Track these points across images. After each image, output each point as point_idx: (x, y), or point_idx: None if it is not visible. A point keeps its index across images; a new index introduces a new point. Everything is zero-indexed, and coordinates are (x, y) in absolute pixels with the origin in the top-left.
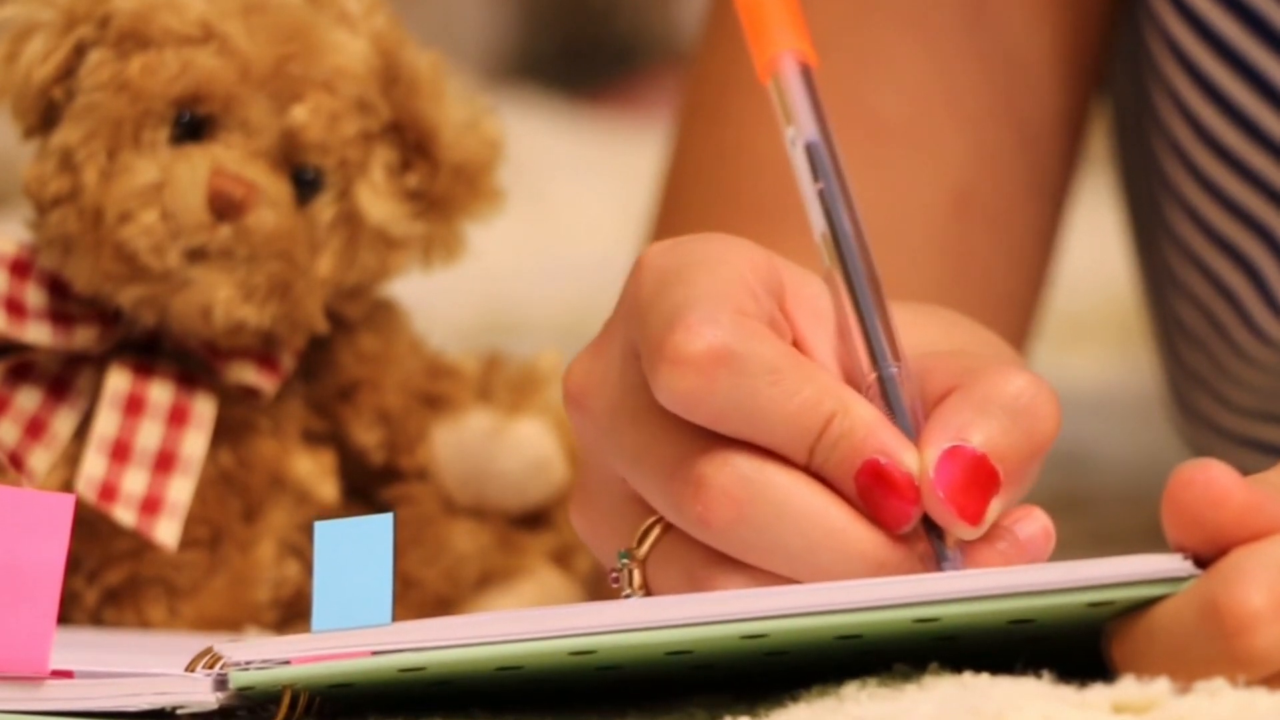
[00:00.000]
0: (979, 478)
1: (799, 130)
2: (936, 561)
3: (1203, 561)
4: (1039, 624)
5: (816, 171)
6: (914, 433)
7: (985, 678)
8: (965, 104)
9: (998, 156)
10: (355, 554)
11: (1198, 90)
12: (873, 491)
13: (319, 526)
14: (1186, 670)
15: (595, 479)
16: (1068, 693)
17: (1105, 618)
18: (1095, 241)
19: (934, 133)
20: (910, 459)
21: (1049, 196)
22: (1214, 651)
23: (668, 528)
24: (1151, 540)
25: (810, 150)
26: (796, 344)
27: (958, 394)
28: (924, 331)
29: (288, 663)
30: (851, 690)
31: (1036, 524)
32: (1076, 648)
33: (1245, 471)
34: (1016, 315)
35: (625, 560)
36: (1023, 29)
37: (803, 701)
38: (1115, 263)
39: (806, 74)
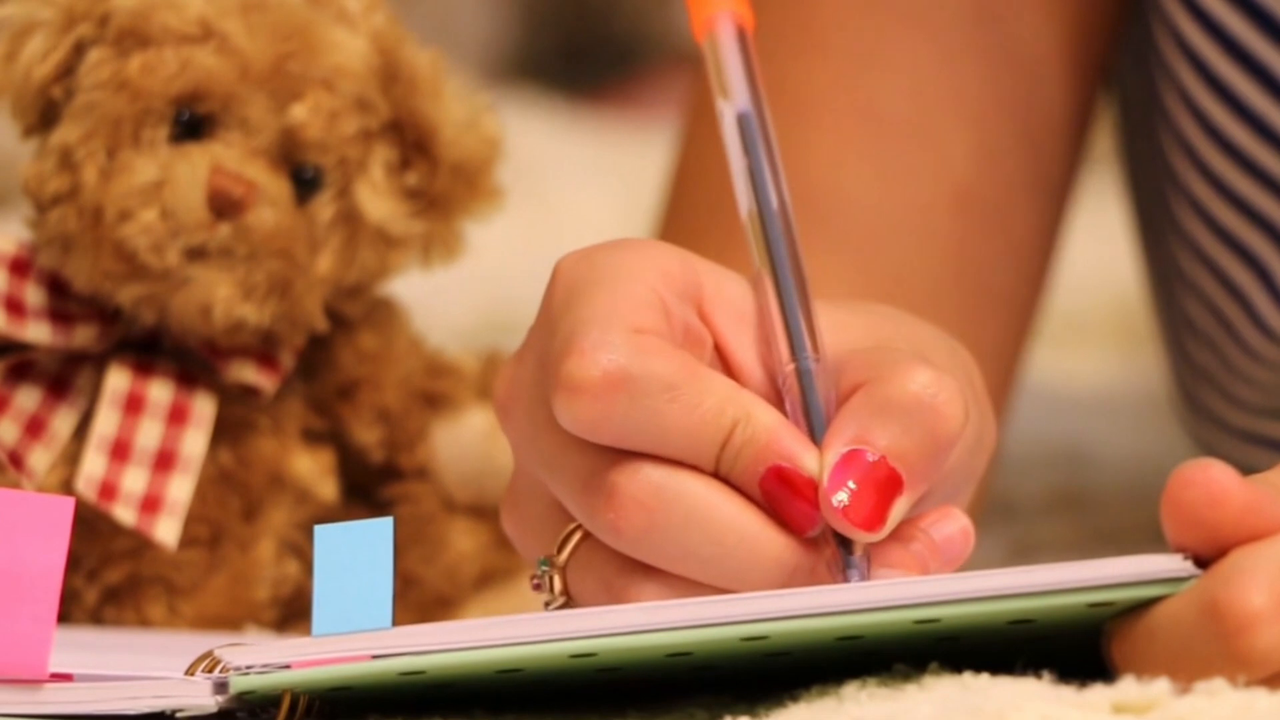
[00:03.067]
0: (878, 481)
1: (731, 99)
2: (842, 566)
3: (1203, 562)
4: (1039, 624)
5: (746, 144)
6: (827, 430)
7: (985, 678)
8: (968, 100)
9: (1000, 153)
10: (355, 557)
11: (1206, 87)
12: (777, 497)
13: (319, 530)
14: (1187, 670)
15: (523, 484)
16: (1068, 693)
17: (1105, 618)
18: (1096, 241)
19: (936, 129)
20: (811, 462)
21: (1052, 194)
22: (1215, 651)
23: (587, 535)
24: (1152, 539)
25: (741, 121)
26: (717, 347)
27: (860, 394)
28: (848, 330)
29: (288, 667)
30: (851, 690)
31: (955, 524)
32: (1076, 647)
33: (1252, 468)
34: (1016, 313)
35: (545, 567)
36: (1028, 26)
37: (803, 701)
38: (1116, 262)
39: (743, 38)
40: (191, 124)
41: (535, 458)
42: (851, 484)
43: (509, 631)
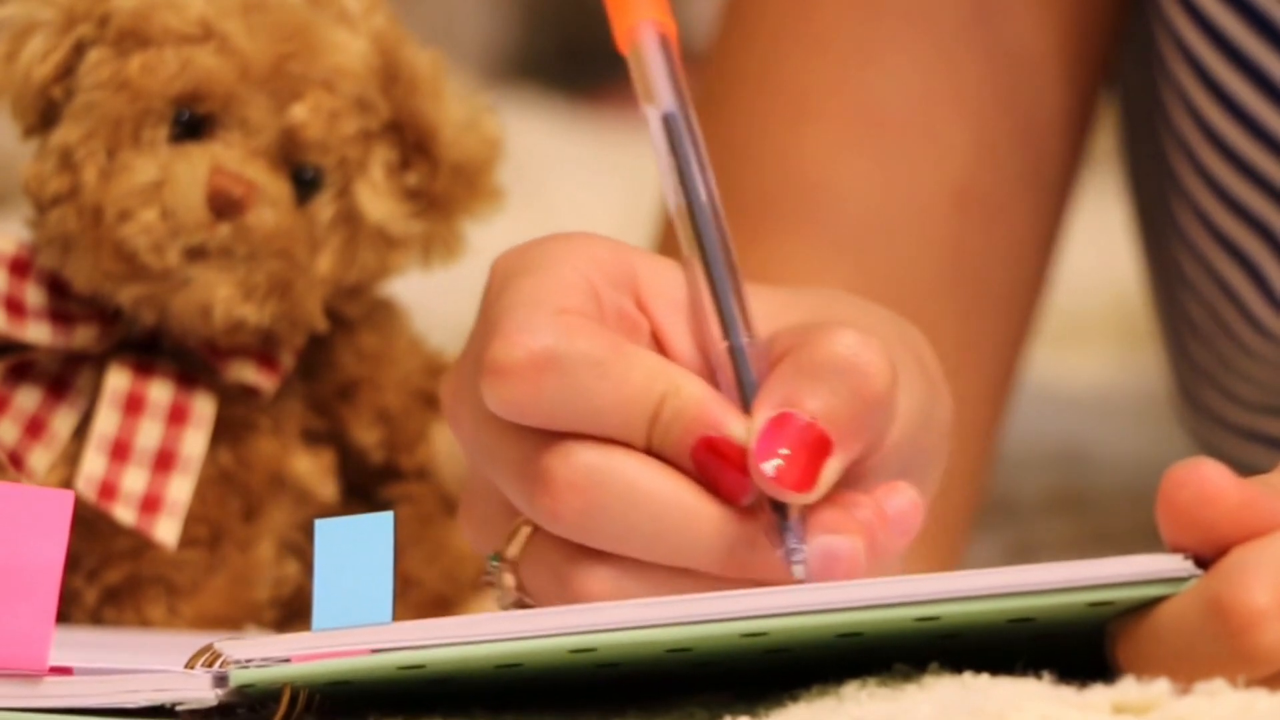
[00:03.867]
0: (807, 443)
1: (656, 102)
2: (779, 531)
3: (1202, 561)
4: (1039, 623)
5: (673, 144)
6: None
7: (986, 678)
8: (967, 98)
9: (999, 151)
10: (355, 552)
11: (1204, 89)
12: (709, 467)
13: (319, 525)
14: (1191, 670)
15: (475, 484)
16: (1068, 693)
17: (1106, 617)
18: (1096, 241)
19: (935, 126)
20: (740, 429)
21: (1051, 192)
22: (1219, 650)
23: (535, 528)
24: (1152, 539)
25: (667, 122)
26: (654, 334)
27: (787, 359)
28: (791, 310)
29: (288, 660)
30: (851, 690)
31: (904, 497)
32: (1077, 646)
33: (1253, 465)
34: (1016, 311)
35: (495, 564)
36: (1027, 24)
37: (802, 701)
38: (1116, 262)
39: (665, 44)
40: (191, 124)
41: (479, 453)
42: (782, 448)
43: (508, 626)
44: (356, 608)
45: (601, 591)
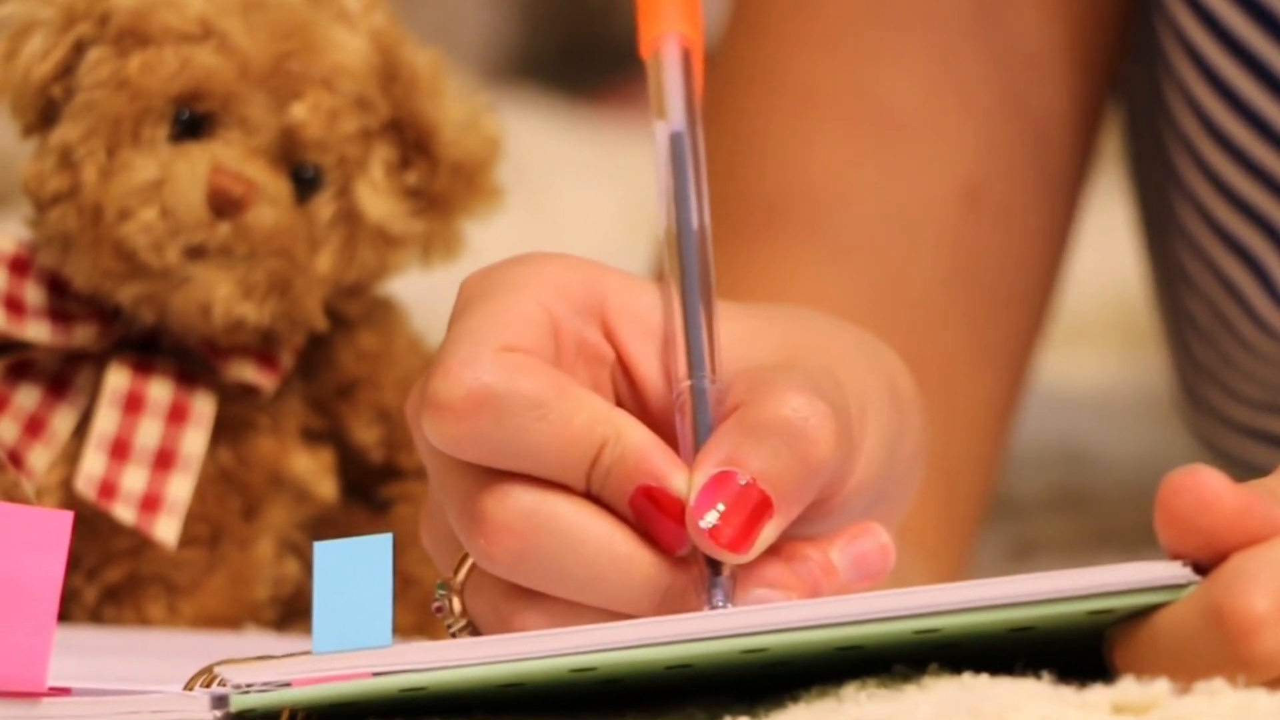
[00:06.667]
0: (746, 504)
1: (668, 119)
2: (708, 587)
3: (1201, 568)
4: (1039, 630)
5: (676, 165)
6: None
7: (985, 678)
8: (975, 97)
9: (1008, 150)
10: (355, 574)
11: (1207, 85)
12: (647, 516)
13: (318, 547)
14: (1190, 676)
15: (433, 505)
16: (1068, 693)
17: (1106, 624)
18: (1097, 241)
19: (943, 126)
20: (680, 482)
21: (1060, 192)
22: (1218, 656)
23: None
24: (1152, 539)
25: (674, 141)
26: (621, 361)
27: (734, 416)
28: (760, 338)
29: (289, 685)
30: (851, 691)
31: (872, 540)
32: (1076, 647)
33: (1255, 463)
34: (1026, 312)
35: (442, 591)
36: (1034, 23)
37: (802, 702)
38: (1117, 262)
39: (687, 61)
40: (191, 123)
41: (431, 479)
42: (720, 505)
43: (509, 649)
44: (356, 630)
45: (536, 630)
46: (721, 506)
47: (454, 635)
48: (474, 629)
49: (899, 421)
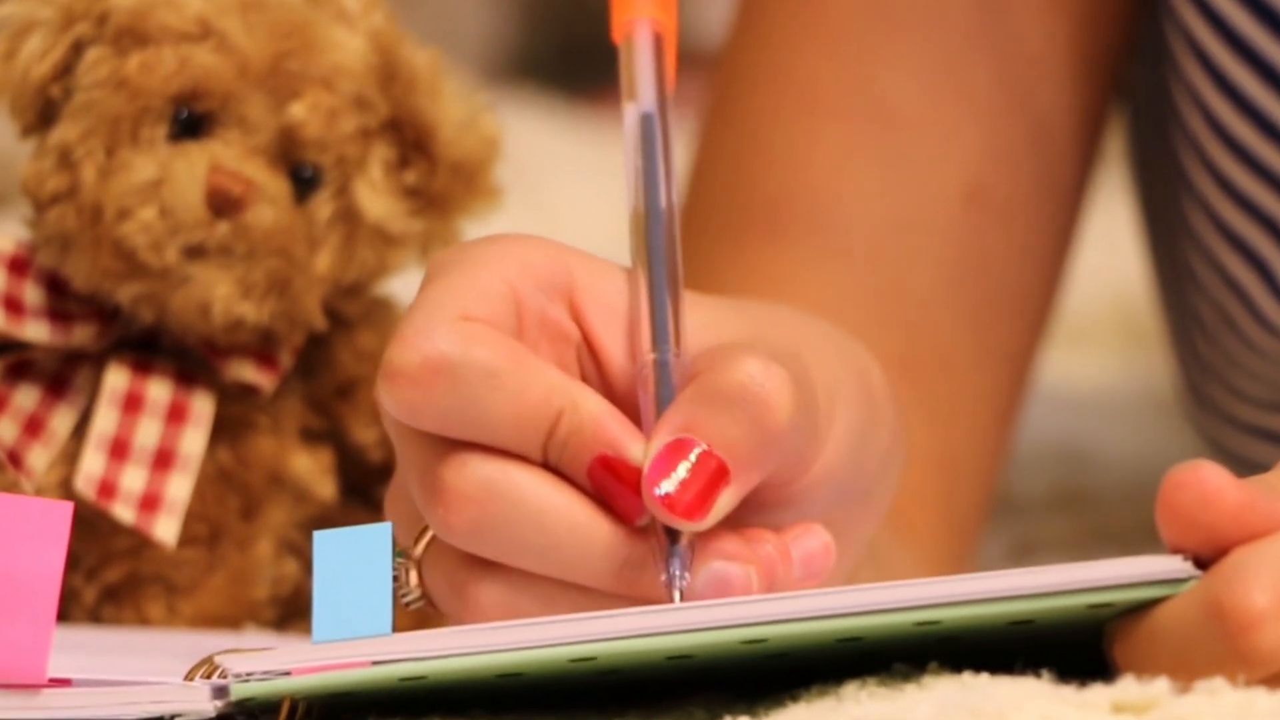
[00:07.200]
0: (703, 471)
1: (638, 100)
2: (665, 556)
3: (1202, 562)
4: (1039, 624)
5: (645, 145)
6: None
7: (985, 677)
8: (978, 98)
9: (1010, 150)
10: (354, 564)
11: (1213, 84)
12: (604, 485)
13: (318, 536)
14: (1190, 671)
15: (398, 476)
16: (1068, 692)
17: (1106, 619)
18: (1097, 241)
19: (946, 126)
20: (637, 451)
21: (1063, 192)
22: (1218, 651)
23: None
24: (1153, 538)
25: (644, 122)
26: (587, 340)
27: (692, 385)
28: (725, 326)
29: (288, 674)
30: (851, 690)
31: (816, 540)
32: (1076, 645)
33: (1259, 462)
34: (1029, 313)
35: (400, 559)
36: (1037, 23)
37: (802, 701)
38: (1118, 262)
39: (659, 45)
40: (190, 122)
41: (395, 447)
42: (676, 473)
43: (509, 637)
44: (356, 619)
45: (492, 602)
46: (678, 474)
47: (408, 606)
48: (429, 601)
49: (869, 414)
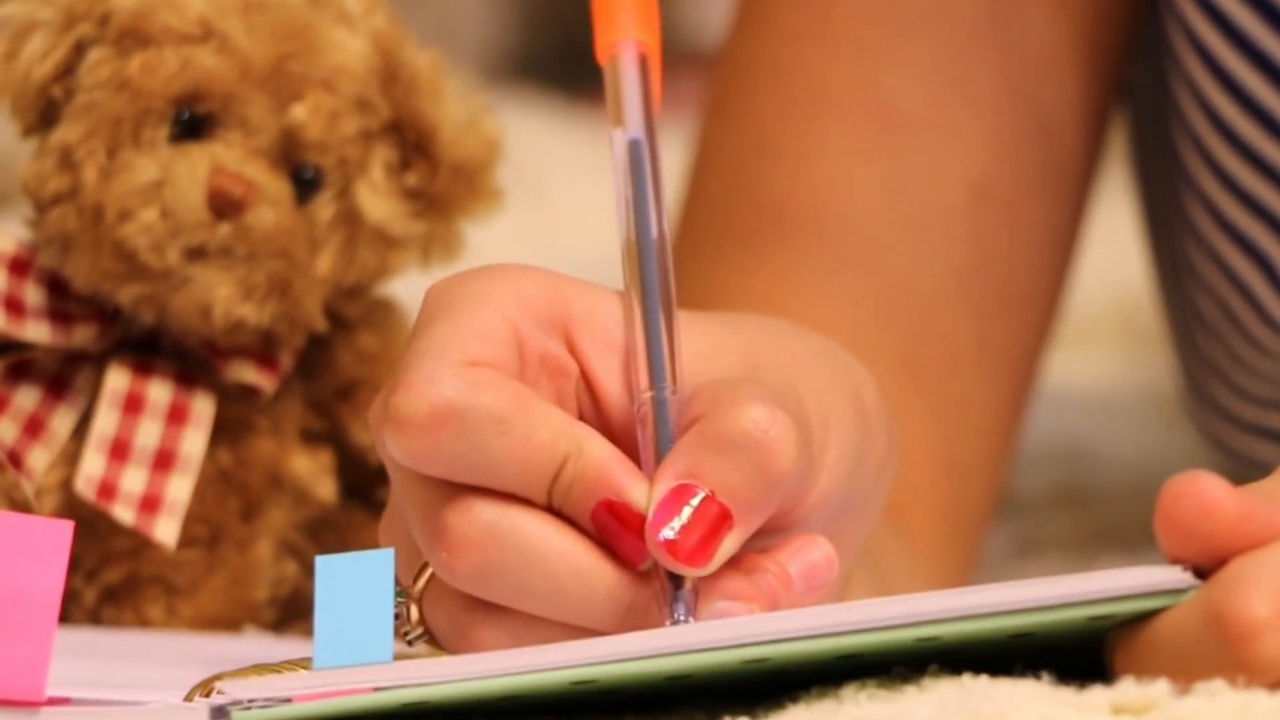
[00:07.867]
0: (706, 517)
1: (625, 126)
2: (670, 601)
3: (1202, 572)
4: (1039, 636)
5: (634, 172)
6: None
7: (985, 679)
8: (983, 96)
9: (1015, 148)
10: (356, 590)
11: (1215, 82)
12: (608, 530)
13: (320, 561)
14: (1191, 680)
15: (394, 511)
16: (1067, 694)
17: (1106, 628)
18: (1099, 240)
19: (951, 124)
20: (641, 496)
21: (1068, 190)
22: (1219, 661)
23: None
24: (1153, 537)
25: (632, 148)
26: (584, 374)
27: (694, 429)
28: (724, 351)
29: (289, 700)
30: (850, 692)
31: (818, 552)
32: (1076, 649)
33: (1261, 462)
34: (1035, 312)
35: (400, 598)
36: (1042, 22)
37: (801, 703)
38: (1120, 261)
39: (644, 68)
40: (191, 124)
41: (393, 486)
42: (680, 518)
43: (510, 663)
44: (358, 645)
45: (496, 644)
46: (681, 519)
47: (410, 643)
48: (431, 638)
49: (863, 434)
